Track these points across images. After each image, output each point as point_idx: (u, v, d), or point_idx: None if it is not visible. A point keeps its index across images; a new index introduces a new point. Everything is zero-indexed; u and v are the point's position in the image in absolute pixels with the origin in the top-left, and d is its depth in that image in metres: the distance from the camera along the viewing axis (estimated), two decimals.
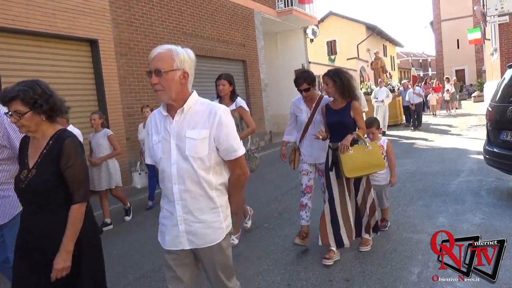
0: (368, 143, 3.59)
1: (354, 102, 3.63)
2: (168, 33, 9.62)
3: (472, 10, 28.52)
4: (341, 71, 3.70)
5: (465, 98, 29.09)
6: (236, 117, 4.14)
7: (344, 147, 3.46)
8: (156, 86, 1.92)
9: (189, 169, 1.92)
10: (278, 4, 15.30)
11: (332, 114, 3.70)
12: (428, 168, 7.24)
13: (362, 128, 3.65)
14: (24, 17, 6.39)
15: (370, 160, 3.53)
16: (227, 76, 4.38)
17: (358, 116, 3.63)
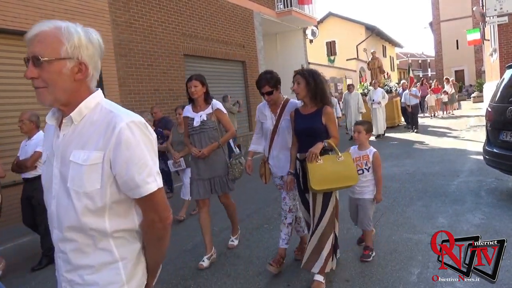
0: (341, 154, 3.18)
1: (327, 107, 3.24)
2: (168, 34, 9.62)
3: (471, 10, 28.57)
4: (317, 72, 3.32)
5: (464, 98, 29.11)
6: (214, 121, 3.96)
7: (313, 155, 3.06)
8: (34, 81, 1.30)
9: (69, 208, 1.29)
10: (277, 5, 15.32)
11: (301, 120, 3.30)
12: (428, 169, 7.24)
13: (335, 137, 3.22)
14: (23, 18, 6.39)
15: (341, 171, 3.11)
16: (198, 76, 3.99)
17: (330, 122, 3.23)
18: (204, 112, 3.97)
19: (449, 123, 15.13)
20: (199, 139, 3.95)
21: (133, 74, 8.58)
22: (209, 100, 4.03)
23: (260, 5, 14.15)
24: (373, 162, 3.70)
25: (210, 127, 3.93)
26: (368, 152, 3.75)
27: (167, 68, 9.51)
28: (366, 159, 3.71)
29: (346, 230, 4.50)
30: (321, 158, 3.10)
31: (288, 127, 3.54)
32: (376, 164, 3.71)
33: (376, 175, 3.72)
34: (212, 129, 3.94)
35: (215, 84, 11.51)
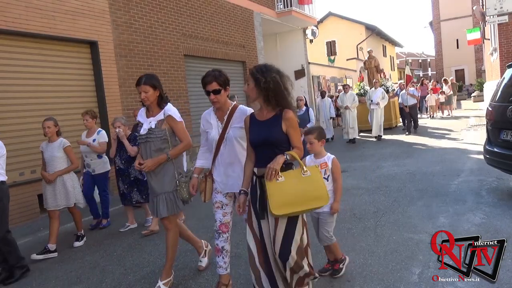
0: (307, 167, 2.59)
1: (287, 111, 2.63)
2: (168, 34, 9.62)
3: (472, 10, 28.56)
4: (270, 68, 2.69)
5: (465, 98, 29.10)
6: (164, 130, 3.40)
7: (272, 172, 2.48)
8: None
9: None
10: (277, 5, 15.32)
11: (257, 128, 2.70)
12: (429, 168, 7.24)
13: (299, 147, 2.65)
14: (23, 19, 6.40)
15: (307, 190, 2.52)
16: (148, 79, 3.41)
17: (292, 129, 2.63)
18: (154, 119, 3.44)
19: (449, 123, 15.05)
20: (145, 150, 3.44)
21: (133, 75, 8.57)
22: (163, 105, 3.48)
23: (260, 5, 14.15)
24: (333, 169, 3.32)
25: (157, 137, 3.38)
26: (326, 159, 3.36)
27: (167, 68, 9.52)
28: (325, 167, 3.32)
29: (347, 230, 4.51)
30: (282, 175, 2.53)
31: (238, 136, 3.04)
32: (335, 171, 3.33)
33: (336, 184, 3.34)
34: (159, 139, 3.38)
35: None
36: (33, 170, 6.53)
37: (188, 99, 10.22)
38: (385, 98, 12.27)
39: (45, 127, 4.81)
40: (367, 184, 6.59)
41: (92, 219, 5.92)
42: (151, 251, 4.54)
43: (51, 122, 4.84)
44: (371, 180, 6.81)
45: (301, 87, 17.24)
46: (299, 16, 15.69)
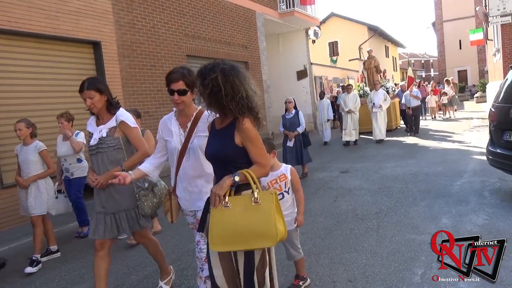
0: (259, 193, 2.07)
1: (242, 119, 2.13)
2: (171, 34, 9.64)
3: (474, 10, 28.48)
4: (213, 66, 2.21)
5: (467, 99, 29.03)
6: (118, 138, 3.04)
7: (216, 197, 2.04)
8: None
9: None
10: (280, 5, 15.32)
11: (212, 138, 2.30)
12: (431, 169, 7.23)
13: (260, 164, 2.16)
14: (27, 19, 6.42)
15: (252, 225, 2.02)
16: (92, 83, 2.99)
17: (248, 142, 2.14)
18: (105, 127, 3.05)
19: (451, 125, 14.96)
20: (97, 162, 3.04)
21: (136, 75, 8.60)
22: (112, 110, 3.08)
23: (263, 6, 14.16)
24: (292, 180, 3.04)
25: (110, 146, 3.00)
26: (284, 170, 3.03)
27: (170, 68, 9.39)
28: (285, 179, 3.00)
29: (349, 231, 4.51)
30: (230, 201, 2.07)
31: (204, 146, 2.45)
32: (295, 181, 3.05)
33: (297, 194, 3.05)
34: (113, 148, 3.02)
35: None
36: None
37: None
38: (387, 100, 11.90)
39: (16, 130, 4.48)
40: (369, 184, 6.58)
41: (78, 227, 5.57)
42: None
43: (22, 124, 4.47)
44: (373, 181, 6.80)
45: (303, 88, 17.24)
46: (301, 17, 15.69)
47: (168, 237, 4.91)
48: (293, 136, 7.46)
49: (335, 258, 3.78)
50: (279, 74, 17.32)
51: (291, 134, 7.48)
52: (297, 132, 7.48)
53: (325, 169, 8.40)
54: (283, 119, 7.74)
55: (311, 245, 4.18)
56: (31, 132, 4.54)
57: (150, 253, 3.39)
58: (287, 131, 7.57)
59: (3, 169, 6.09)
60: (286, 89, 17.05)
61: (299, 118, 7.54)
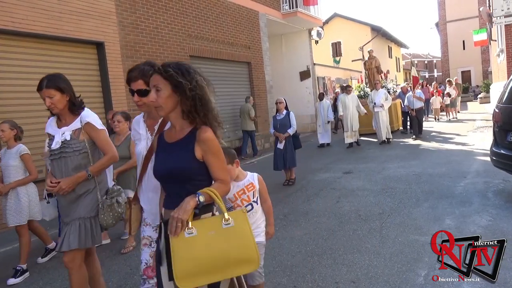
0: (229, 214, 1.80)
1: (203, 129, 1.88)
2: (174, 35, 9.66)
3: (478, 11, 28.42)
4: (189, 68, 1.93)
5: (471, 99, 28.93)
6: (83, 142, 2.77)
7: (178, 223, 1.72)
8: None
9: None
10: (282, 6, 15.32)
11: (163, 153, 1.97)
12: (434, 170, 7.21)
13: (223, 180, 1.90)
14: (30, 20, 6.45)
15: (229, 251, 1.74)
16: (52, 81, 2.70)
17: (212, 156, 1.88)
18: (68, 129, 2.77)
19: (455, 126, 14.81)
20: (59, 168, 2.75)
21: None
22: (76, 110, 2.81)
23: (266, 7, 14.16)
24: (260, 189, 2.76)
25: (74, 151, 2.73)
26: (251, 179, 2.75)
27: None
28: (253, 189, 2.71)
29: (352, 232, 4.50)
30: (194, 226, 1.76)
31: None
32: (263, 190, 2.78)
33: (265, 205, 2.80)
34: (77, 153, 2.74)
35: (220, 84, 11.56)
36: (39, 171, 6.56)
37: None
38: (388, 99, 11.62)
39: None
40: (372, 185, 6.57)
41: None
42: None
43: (5, 125, 4.15)
44: (376, 182, 6.79)
45: (306, 88, 17.23)
46: (304, 17, 15.69)
47: None
48: (283, 138, 7.13)
49: (338, 259, 3.77)
50: (282, 75, 17.32)
51: (281, 136, 7.16)
52: (288, 134, 7.14)
53: (328, 169, 8.38)
54: (273, 120, 7.47)
55: (314, 246, 4.17)
56: (15, 134, 4.19)
57: (72, 286, 2.75)
58: (277, 132, 7.25)
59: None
60: (289, 89, 17.06)
61: (290, 119, 7.20)
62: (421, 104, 12.35)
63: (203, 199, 1.79)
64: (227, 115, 11.87)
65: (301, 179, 7.58)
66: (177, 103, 1.89)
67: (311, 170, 8.44)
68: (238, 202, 2.65)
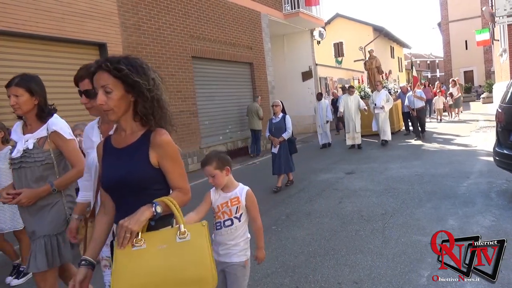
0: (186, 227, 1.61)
1: (158, 131, 1.69)
2: (176, 36, 9.67)
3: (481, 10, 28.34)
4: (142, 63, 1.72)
5: (474, 99, 28.85)
6: (48, 151, 2.51)
7: (127, 233, 1.54)
8: None
9: None
10: (284, 6, 15.32)
11: (111, 160, 1.73)
12: (437, 170, 7.19)
13: (182, 189, 1.71)
14: (33, 21, 6.47)
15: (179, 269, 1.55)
16: (23, 80, 2.51)
17: (169, 161, 1.69)
18: (32, 136, 2.53)
19: (458, 127, 14.71)
20: (19, 179, 2.52)
21: None
22: (44, 117, 2.57)
23: (268, 7, 14.16)
24: (248, 206, 2.48)
25: (36, 161, 2.48)
26: (238, 192, 2.48)
27: (175, 70, 9.56)
28: (237, 204, 2.45)
29: (355, 232, 4.49)
30: (143, 238, 1.57)
31: None
32: (252, 208, 2.49)
33: (254, 224, 2.54)
34: (39, 163, 2.49)
35: (222, 85, 11.57)
36: None
37: (196, 101, 10.26)
38: (389, 101, 11.42)
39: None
40: (374, 186, 6.56)
41: None
42: None
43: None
44: (378, 182, 6.77)
45: (308, 89, 17.22)
46: (306, 18, 15.68)
47: None
48: (277, 142, 6.92)
49: (341, 260, 3.77)
50: (284, 75, 17.32)
51: (275, 140, 6.95)
52: (282, 138, 6.91)
53: (330, 170, 8.37)
54: (269, 124, 7.23)
55: (316, 247, 4.17)
56: (2, 136, 4.02)
57: None
58: (272, 136, 7.03)
59: None
60: (291, 90, 17.07)
61: (286, 123, 6.97)
62: (422, 104, 12.07)
63: (160, 210, 1.59)
64: (230, 116, 11.87)
65: (303, 180, 7.58)
66: (129, 105, 1.69)
67: (313, 171, 8.43)
68: (219, 214, 2.46)
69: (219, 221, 2.45)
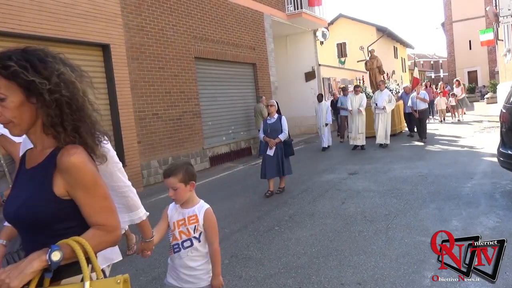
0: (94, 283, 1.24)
1: (67, 150, 1.29)
2: (179, 37, 9.69)
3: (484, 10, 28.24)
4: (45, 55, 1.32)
5: (477, 99, 28.74)
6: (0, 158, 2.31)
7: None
8: None
9: None
10: (287, 7, 15.31)
11: (18, 184, 1.40)
12: (441, 171, 7.16)
13: (102, 226, 1.32)
14: (37, 23, 6.50)
15: None
16: None
17: (82, 191, 1.29)
18: None
19: (460, 128, 14.33)
20: None
21: (144, 77, 8.65)
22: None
23: (271, 8, 14.16)
24: (205, 226, 2.21)
25: None
26: (197, 210, 2.24)
27: (178, 71, 9.58)
28: (195, 223, 2.20)
29: (358, 233, 4.48)
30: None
31: None
32: (210, 229, 2.21)
33: (211, 247, 2.22)
34: None
35: (225, 86, 11.58)
36: None
37: (199, 101, 10.27)
38: (392, 101, 10.96)
39: None
40: (378, 186, 6.54)
41: None
42: (162, 252, 4.56)
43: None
44: (382, 183, 6.76)
45: (312, 89, 17.20)
46: (309, 18, 15.67)
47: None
48: (274, 143, 6.59)
49: (344, 261, 3.76)
50: (287, 76, 17.31)
51: (271, 141, 6.60)
52: (279, 139, 6.60)
53: (333, 170, 8.36)
54: (263, 125, 6.88)
55: (320, 247, 4.16)
56: None
57: None
58: (267, 137, 6.69)
59: None
60: (294, 90, 17.06)
61: (282, 124, 6.66)
62: (425, 106, 11.60)
63: (59, 257, 1.19)
64: (233, 116, 11.88)
65: (306, 180, 7.57)
66: (36, 113, 1.29)
67: (316, 171, 8.42)
68: (176, 234, 2.21)
69: (177, 242, 2.21)
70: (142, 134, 8.46)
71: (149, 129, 8.66)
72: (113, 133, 7.89)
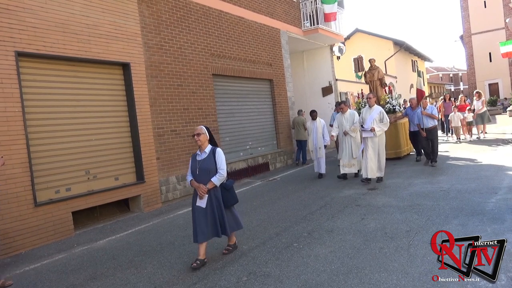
0: None
1: None
2: (197, 54, 9.86)
3: (504, 22, 27.92)
4: None
5: (500, 112, 28.13)
6: None
7: None
8: None
9: None
10: (304, 23, 15.44)
11: None
12: (463, 186, 6.99)
13: None
14: (61, 44, 6.72)
15: None
16: None
17: None
18: None
19: (478, 149, 12.52)
20: None
21: (163, 94, 8.80)
22: None
23: (287, 24, 14.30)
24: None
25: None
26: None
27: (196, 87, 9.72)
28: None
29: (378, 250, 4.39)
30: None
31: None
32: None
33: None
34: None
35: (242, 102, 11.68)
36: (68, 188, 6.77)
37: (217, 118, 10.37)
38: (385, 121, 8.17)
39: None
40: (398, 202, 6.42)
41: None
42: (180, 268, 4.56)
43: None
44: (402, 198, 6.63)
45: (329, 104, 17.17)
46: (325, 34, 15.74)
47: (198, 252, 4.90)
48: (205, 191, 4.51)
49: (364, 278, 3.68)
50: (304, 91, 17.36)
51: (201, 188, 4.51)
52: (212, 184, 4.55)
53: (352, 186, 8.26)
54: (191, 163, 4.71)
55: (339, 264, 4.09)
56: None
57: None
58: (195, 183, 4.58)
59: (37, 187, 6.30)
60: (311, 105, 17.03)
61: (216, 160, 4.60)
62: (433, 123, 9.78)
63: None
64: (250, 132, 11.93)
65: (325, 196, 7.50)
66: None
67: (335, 187, 8.34)
68: None
69: None
70: (161, 150, 8.56)
71: (167, 145, 8.76)
72: (133, 149, 8.02)
